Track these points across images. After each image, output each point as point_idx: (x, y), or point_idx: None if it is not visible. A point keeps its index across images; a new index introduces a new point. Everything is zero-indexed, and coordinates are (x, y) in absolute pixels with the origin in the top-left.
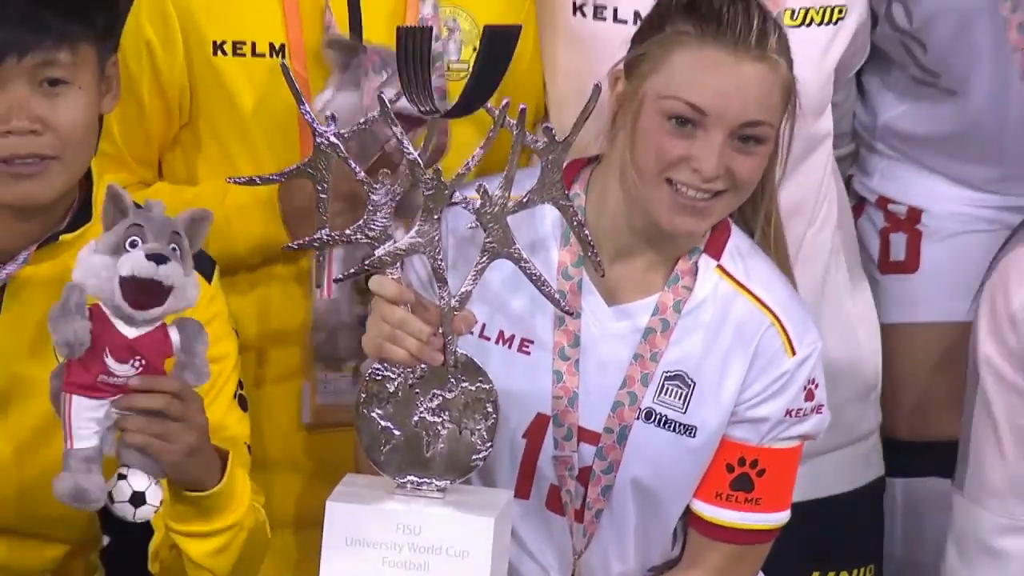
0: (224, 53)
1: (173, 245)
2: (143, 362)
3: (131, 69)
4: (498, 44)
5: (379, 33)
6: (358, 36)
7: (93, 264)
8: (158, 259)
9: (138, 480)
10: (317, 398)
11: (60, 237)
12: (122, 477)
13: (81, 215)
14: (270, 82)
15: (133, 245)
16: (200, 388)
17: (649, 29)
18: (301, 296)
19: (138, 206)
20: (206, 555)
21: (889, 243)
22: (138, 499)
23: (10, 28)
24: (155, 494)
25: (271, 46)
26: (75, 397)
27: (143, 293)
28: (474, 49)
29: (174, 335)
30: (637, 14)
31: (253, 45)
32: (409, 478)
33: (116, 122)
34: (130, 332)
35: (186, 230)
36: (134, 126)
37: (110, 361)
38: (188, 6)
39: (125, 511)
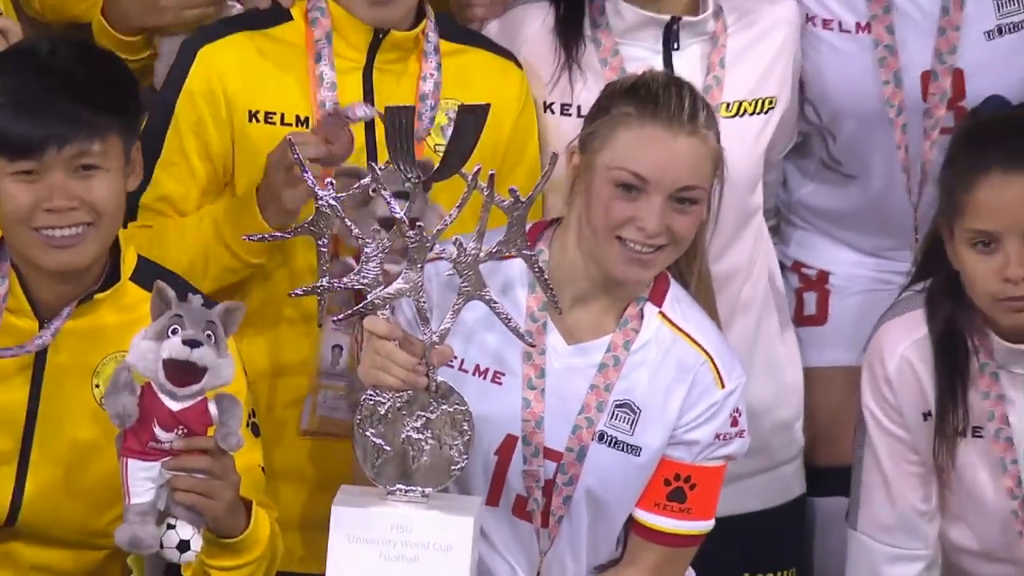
0: (257, 121)
1: (208, 332)
2: (186, 431)
3: (185, 142)
4: (468, 122)
5: None
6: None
7: (141, 348)
8: (193, 344)
9: (185, 530)
10: (317, 411)
11: (95, 296)
12: (171, 527)
13: (112, 277)
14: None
15: (174, 332)
16: None
17: (598, 111)
18: (305, 334)
19: (180, 299)
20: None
21: (803, 300)
22: (184, 546)
23: (51, 124)
24: (197, 541)
25: (297, 118)
26: (130, 460)
27: (182, 373)
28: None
29: (212, 408)
30: None
31: (282, 116)
32: (398, 486)
33: (170, 180)
34: (174, 405)
35: (220, 319)
36: (187, 185)
37: (157, 430)
38: (231, 84)
39: (172, 556)
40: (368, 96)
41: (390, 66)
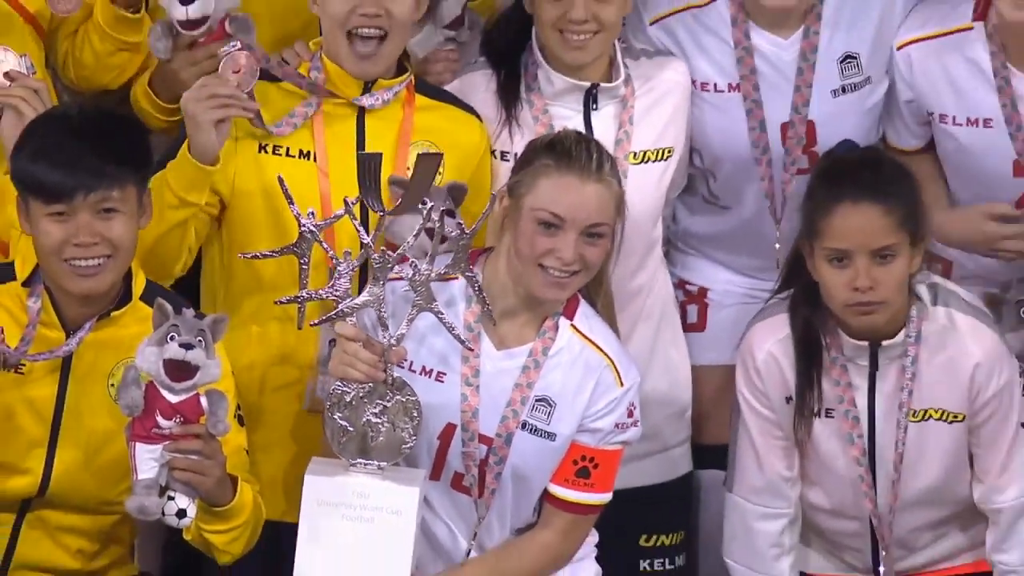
0: (266, 152)
1: (199, 338)
2: (183, 419)
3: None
4: (426, 167)
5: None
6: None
7: (145, 352)
8: (187, 347)
9: (182, 500)
10: (318, 391)
11: (111, 313)
12: (171, 498)
13: (125, 297)
14: (296, 175)
15: (172, 339)
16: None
17: (523, 163)
18: (291, 331)
19: (177, 312)
20: (225, 543)
21: (687, 311)
22: (182, 513)
23: (80, 175)
24: (192, 509)
25: (301, 151)
26: (137, 443)
27: (178, 371)
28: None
29: (204, 401)
30: None
31: (287, 149)
32: (359, 460)
33: None
34: (173, 398)
35: (209, 328)
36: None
37: (159, 419)
38: (243, 123)
39: (172, 521)
40: (360, 135)
41: (378, 111)
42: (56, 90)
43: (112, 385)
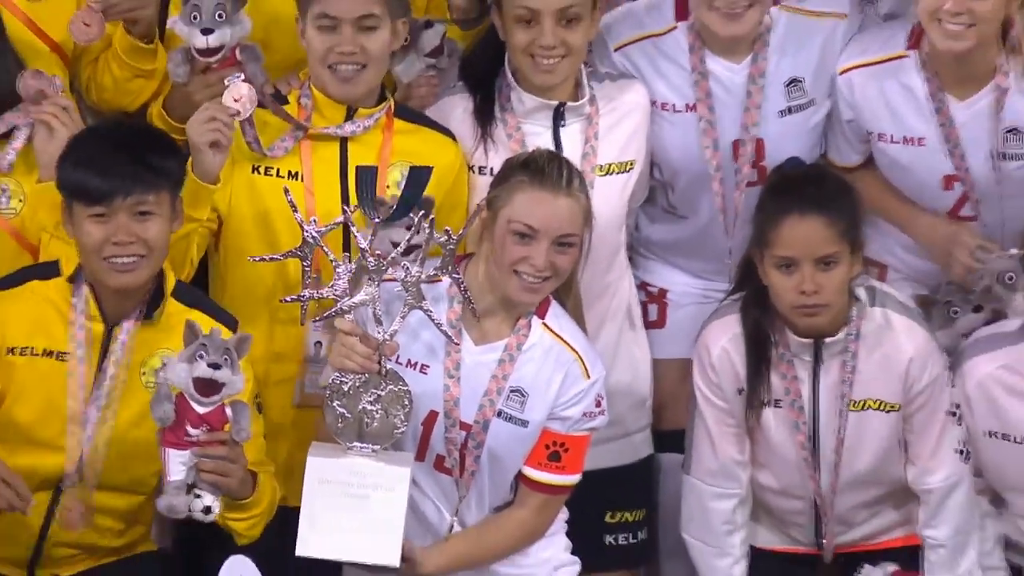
0: (259, 173)
1: (225, 356)
2: (209, 427)
3: (195, 194)
4: (417, 178)
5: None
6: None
7: (176, 369)
8: (215, 367)
9: (207, 498)
10: (305, 389)
11: (153, 314)
12: (198, 496)
13: (157, 294)
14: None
15: (200, 357)
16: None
17: (500, 179)
18: (294, 329)
19: (205, 334)
20: (245, 529)
21: (647, 310)
22: (207, 510)
23: (119, 180)
24: (217, 506)
25: (289, 172)
26: (168, 449)
27: (206, 387)
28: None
29: (228, 411)
30: None
31: (277, 170)
32: (355, 444)
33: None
34: (201, 410)
35: (234, 346)
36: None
37: (188, 427)
38: (241, 146)
39: (199, 516)
40: (343, 158)
41: (359, 136)
42: (80, 111)
43: (144, 373)
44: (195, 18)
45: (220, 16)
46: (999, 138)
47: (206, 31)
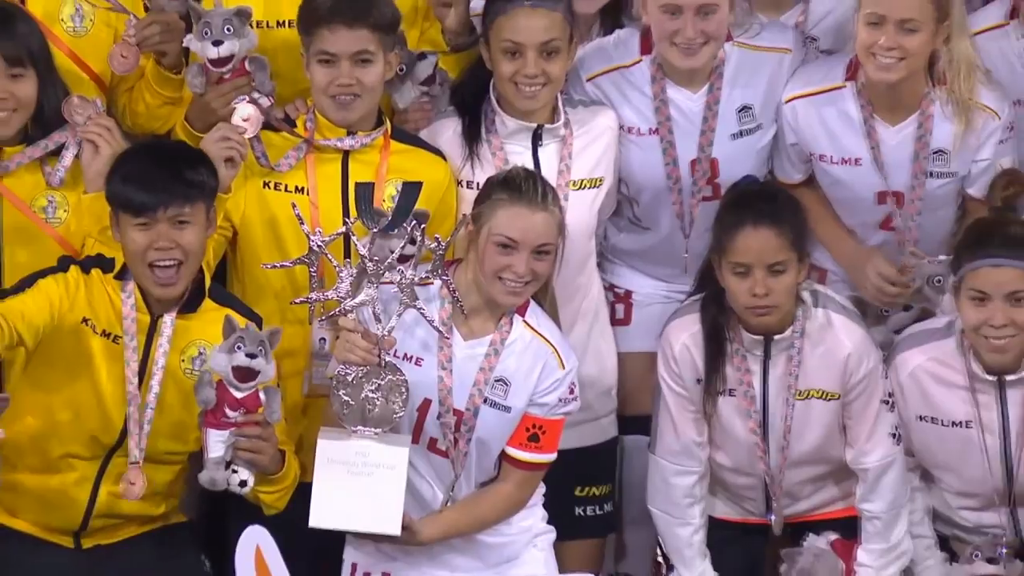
0: (269, 188)
1: (260, 347)
2: (245, 410)
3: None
4: (409, 193)
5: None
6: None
7: (217, 358)
8: (251, 356)
9: (243, 473)
10: (312, 381)
11: (191, 312)
12: (234, 471)
13: (195, 293)
14: (290, 207)
15: (239, 348)
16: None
17: (483, 196)
18: (302, 328)
19: (242, 328)
20: (273, 500)
21: (615, 310)
22: (243, 483)
23: (161, 194)
24: (251, 480)
25: (296, 187)
26: (209, 429)
27: (244, 374)
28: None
29: (262, 396)
30: None
31: (285, 185)
32: (359, 427)
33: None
34: (238, 395)
35: (268, 339)
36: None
37: (227, 410)
38: (252, 163)
39: (235, 489)
40: (344, 174)
41: (359, 155)
42: None
43: (183, 360)
44: (206, 33)
45: (228, 30)
46: (925, 159)
47: (216, 43)
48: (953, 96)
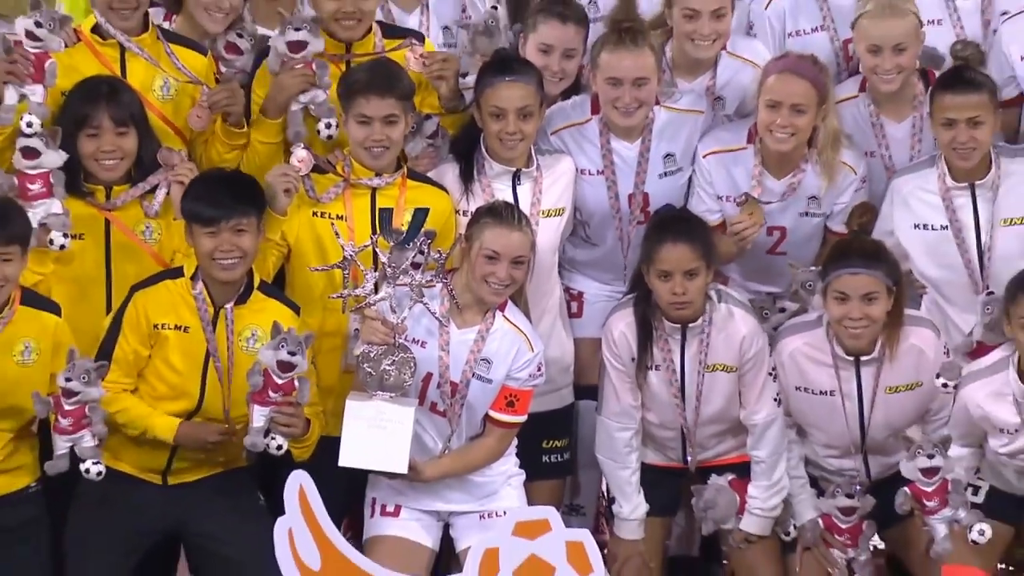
0: (316, 216)
1: (298, 347)
2: (283, 393)
3: (270, 223)
4: (418, 217)
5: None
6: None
7: (265, 353)
8: (291, 353)
9: (279, 439)
10: (346, 360)
11: (245, 301)
12: (272, 439)
13: (248, 287)
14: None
15: (282, 346)
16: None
17: (474, 220)
18: (339, 315)
19: (286, 331)
20: (301, 454)
21: (570, 306)
22: (279, 447)
23: (223, 209)
24: (285, 444)
25: (337, 215)
26: (255, 406)
27: (284, 367)
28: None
29: (298, 383)
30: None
31: (328, 214)
32: (378, 392)
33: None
34: (279, 381)
35: (304, 340)
36: (264, 249)
37: (270, 392)
38: (303, 196)
39: (272, 452)
40: (373, 204)
41: (384, 190)
42: None
43: (240, 339)
44: (289, 25)
45: (306, 27)
46: (800, 203)
47: (297, 30)
48: (822, 158)
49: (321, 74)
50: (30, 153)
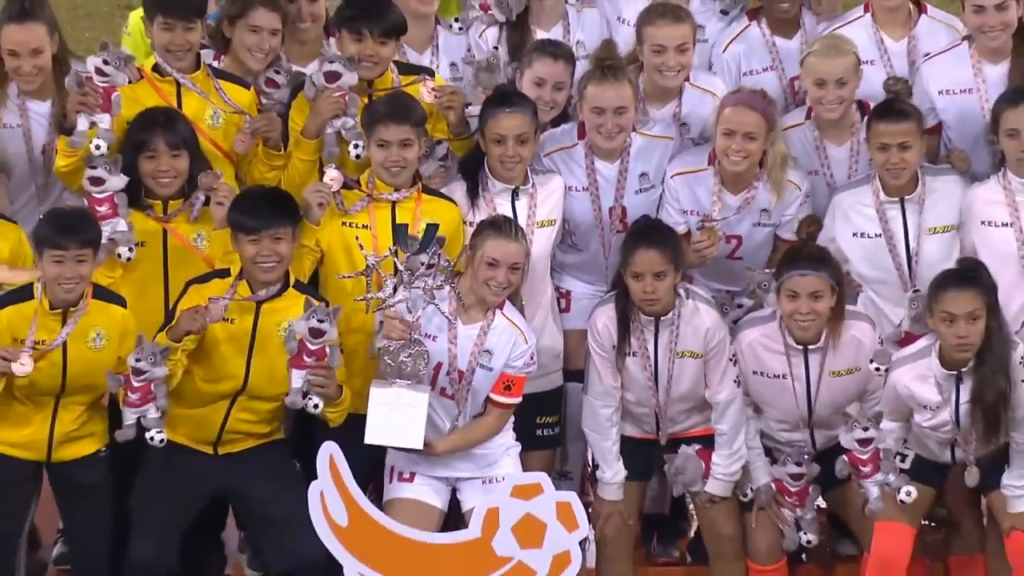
0: (345, 226)
1: (327, 316)
2: (316, 358)
3: (305, 232)
4: (430, 230)
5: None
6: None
7: (299, 323)
8: (320, 321)
9: (315, 399)
10: (370, 353)
11: (282, 293)
12: (310, 398)
13: (284, 285)
14: (359, 237)
15: (312, 316)
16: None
17: (477, 232)
18: (363, 315)
19: (317, 305)
20: (334, 416)
21: (560, 303)
22: (316, 406)
23: (263, 220)
24: (321, 404)
25: (363, 225)
26: (293, 370)
27: (315, 333)
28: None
29: (328, 350)
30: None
31: (355, 224)
32: (396, 380)
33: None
34: (312, 347)
35: (332, 313)
36: (300, 254)
37: (305, 358)
38: (334, 210)
39: (310, 410)
40: (393, 216)
41: (402, 203)
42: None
43: (277, 329)
44: (330, 61)
45: (343, 63)
46: (755, 215)
47: (331, 62)
48: (772, 177)
49: (351, 103)
50: (96, 181)
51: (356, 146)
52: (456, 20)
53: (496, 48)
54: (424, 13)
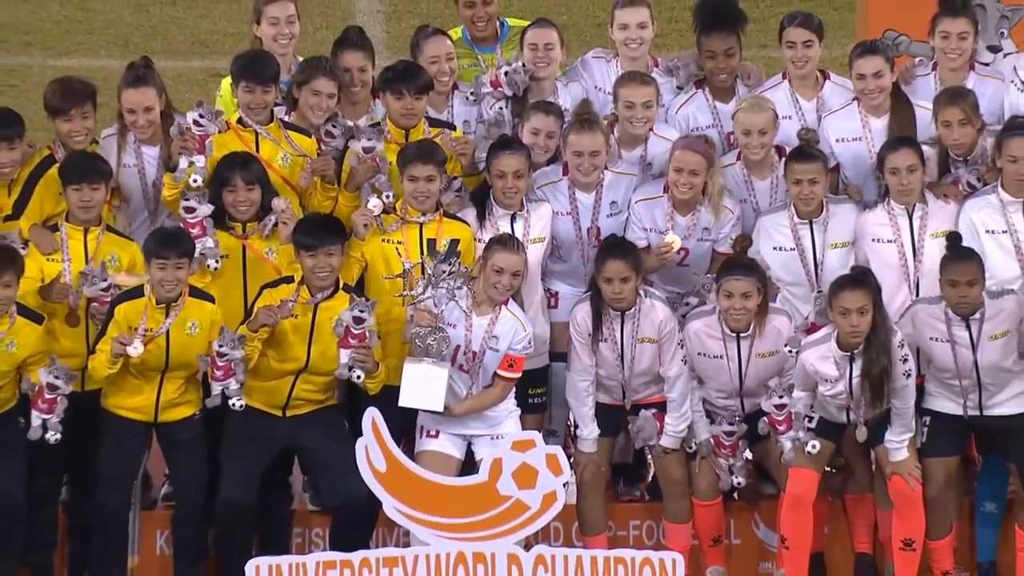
0: (385, 242)
1: (366, 308)
2: (358, 340)
3: (353, 245)
4: (452, 244)
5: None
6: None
7: (345, 314)
8: (361, 311)
9: (358, 371)
10: (405, 338)
11: (334, 295)
12: (353, 371)
13: (336, 288)
14: (397, 250)
15: (355, 307)
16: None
17: (488, 247)
18: (400, 308)
19: (359, 299)
20: (372, 386)
21: (549, 301)
22: (359, 377)
23: (319, 238)
24: (363, 375)
25: (398, 241)
26: (341, 349)
27: (358, 320)
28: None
29: (368, 334)
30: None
31: (392, 240)
32: (424, 359)
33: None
34: (355, 331)
35: (370, 307)
36: (350, 263)
37: (350, 339)
38: (375, 229)
39: (354, 381)
40: (421, 234)
41: (427, 224)
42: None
43: (332, 326)
44: (363, 135)
45: (375, 136)
46: (699, 232)
47: (369, 139)
48: (711, 204)
49: (382, 166)
50: (189, 210)
51: (387, 196)
52: (472, 93)
53: (502, 108)
54: (441, 92)
